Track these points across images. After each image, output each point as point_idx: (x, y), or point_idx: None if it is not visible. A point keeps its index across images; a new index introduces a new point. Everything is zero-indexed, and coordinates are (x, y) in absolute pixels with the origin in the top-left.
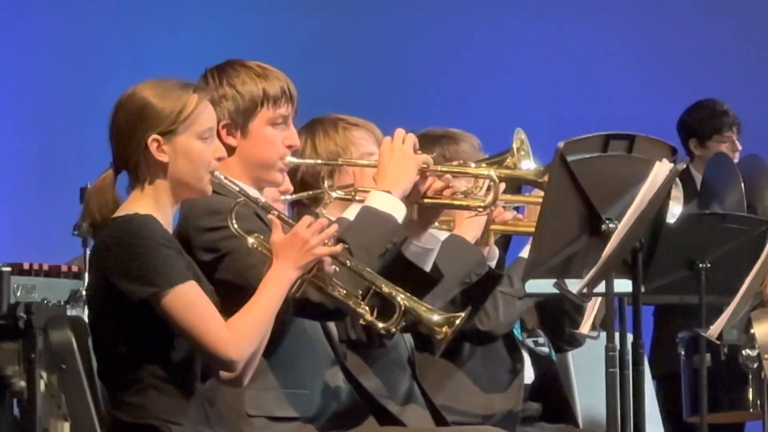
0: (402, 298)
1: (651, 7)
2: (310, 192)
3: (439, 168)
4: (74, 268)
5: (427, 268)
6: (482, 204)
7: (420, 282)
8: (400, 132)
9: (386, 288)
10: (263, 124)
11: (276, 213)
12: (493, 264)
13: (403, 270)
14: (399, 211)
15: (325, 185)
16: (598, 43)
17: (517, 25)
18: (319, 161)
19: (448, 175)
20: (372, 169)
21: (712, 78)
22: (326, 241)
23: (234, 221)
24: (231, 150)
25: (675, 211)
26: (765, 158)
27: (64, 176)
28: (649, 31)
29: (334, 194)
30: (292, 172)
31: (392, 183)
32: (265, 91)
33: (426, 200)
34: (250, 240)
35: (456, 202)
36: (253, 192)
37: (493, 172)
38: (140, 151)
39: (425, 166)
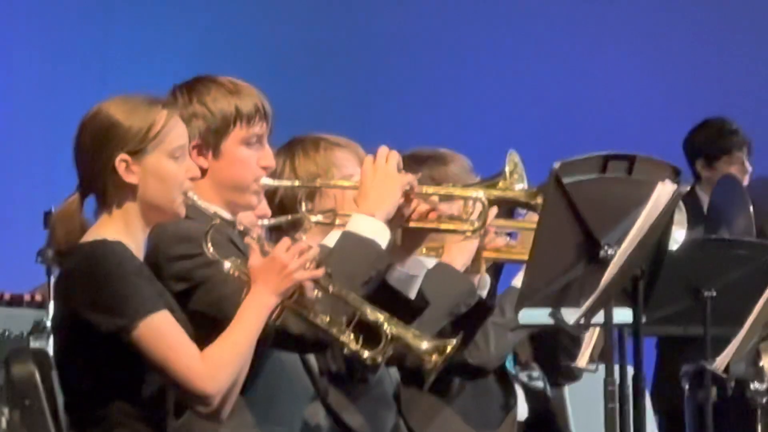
0: (389, 324)
1: (656, 19)
2: (289, 217)
3: (424, 189)
4: (38, 297)
5: (412, 295)
6: (471, 228)
7: (404, 310)
8: (383, 150)
9: (371, 314)
10: (236, 144)
11: (254, 236)
12: (484, 293)
13: (386, 297)
14: (382, 236)
15: (303, 209)
16: (597, 56)
17: (511, 37)
18: (297, 183)
19: (435, 197)
20: (355, 191)
21: (720, 95)
22: (307, 265)
23: (209, 245)
24: (203, 172)
25: (678, 236)
26: None
27: (27, 199)
28: (653, 44)
29: (313, 218)
30: (270, 195)
31: (375, 205)
32: (237, 109)
33: (411, 224)
34: (227, 264)
35: (443, 226)
36: (227, 216)
37: (482, 194)
38: (108, 173)
39: (409, 187)
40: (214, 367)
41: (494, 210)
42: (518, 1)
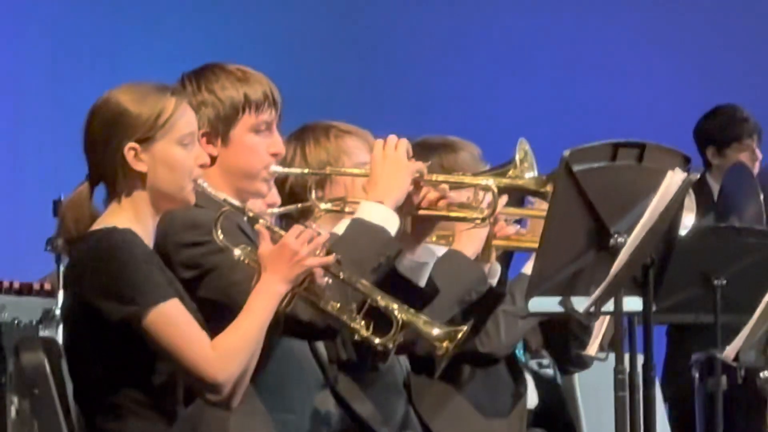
0: (399, 311)
1: (666, 6)
2: (299, 204)
3: (434, 177)
4: (47, 286)
5: (422, 283)
6: (481, 215)
7: (414, 298)
8: (392, 138)
9: (382, 301)
10: (245, 132)
11: (264, 222)
12: (494, 281)
13: (396, 285)
14: (392, 223)
15: (313, 196)
16: (607, 43)
17: (521, 24)
18: (306, 170)
19: (444, 185)
20: (365, 179)
21: (731, 82)
22: (317, 252)
23: (219, 232)
24: (212, 160)
25: (687, 222)
26: None
27: (36, 188)
28: (663, 32)
29: (322, 205)
30: (280, 183)
31: (384, 193)
32: (246, 97)
33: (420, 211)
34: (237, 252)
35: (453, 214)
36: (237, 203)
37: (492, 182)
38: (117, 161)
39: (419, 174)
40: (225, 354)
41: (504, 198)
42: None
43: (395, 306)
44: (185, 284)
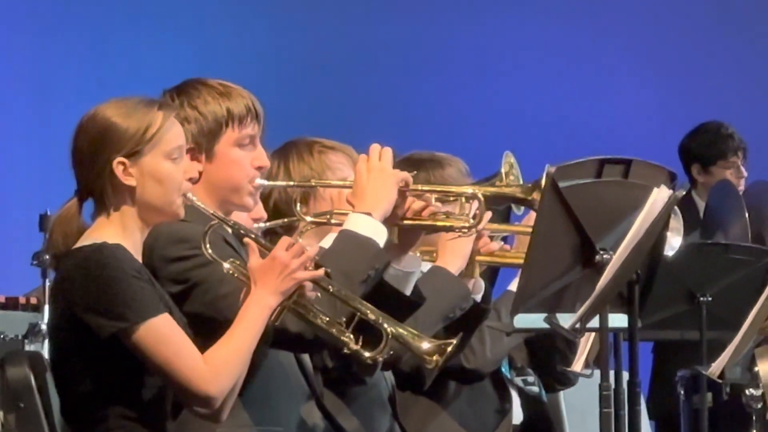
0: (389, 324)
1: (652, 23)
2: (285, 220)
3: (419, 187)
4: (33, 300)
5: (408, 291)
6: (466, 224)
7: (400, 306)
8: (375, 148)
9: (372, 314)
10: (229, 146)
11: (253, 236)
12: (478, 298)
13: (381, 294)
14: (380, 235)
15: (298, 208)
16: (593, 61)
17: (508, 39)
18: (291, 183)
19: (429, 195)
20: (350, 191)
21: (716, 99)
22: (307, 265)
23: (207, 246)
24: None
25: (674, 243)
26: None
27: (22, 202)
28: (649, 48)
29: (308, 218)
30: (265, 199)
31: (372, 204)
32: (229, 111)
33: (405, 221)
34: (226, 265)
35: (439, 223)
36: (225, 217)
37: (477, 190)
38: (105, 176)
39: (404, 184)
40: (217, 368)
41: (489, 214)
42: (514, 5)
43: (384, 320)
44: (173, 299)
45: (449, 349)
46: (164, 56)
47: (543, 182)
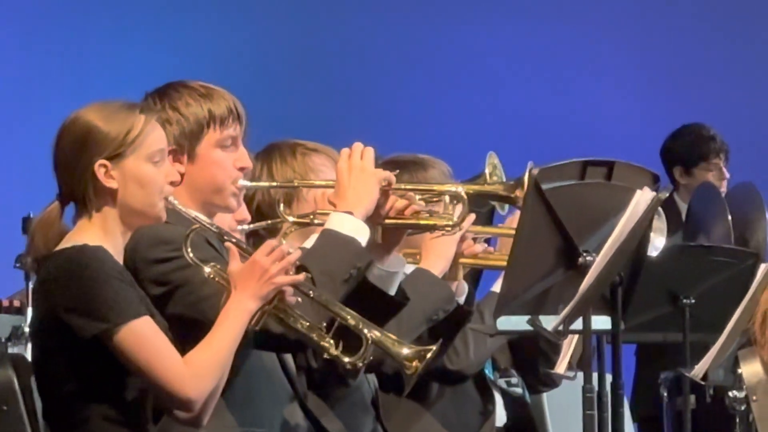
0: (369, 330)
1: (633, 25)
2: (268, 222)
3: (402, 186)
4: (16, 303)
5: (392, 291)
6: (450, 222)
7: (384, 307)
8: (357, 146)
9: (352, 320)
10: (211, 147)
11: (234, 240)
12: (461, 300)
13: (365, 294)
14: (362, 234)
15: (281, 208)
16: (576, 61)
17: (490, 41)
18: (274, 184)
19: (411, 193)
20: (331, 190)
21: (699, 100)
22: (288, 270)
23: (189, 249)
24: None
25: (658, 243)
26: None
27: (5, 205)
28: (631, 51)
29: (291, 218)
30: (248, 201)
31: (353, 203)
32: (210, 112)
33: (388, 221)
34: (207, 269)
35: (422, 222)
36: (207, 220)
37: (461, 188)
38: (87, 179)
39: (386, 183)
40: (197, 372)
41: (472, 216)
42: (498, 8)
43: (365, 325)
44: (155, 301)
45: (429, 355)
46: (146, 59)
47: (526, 179)
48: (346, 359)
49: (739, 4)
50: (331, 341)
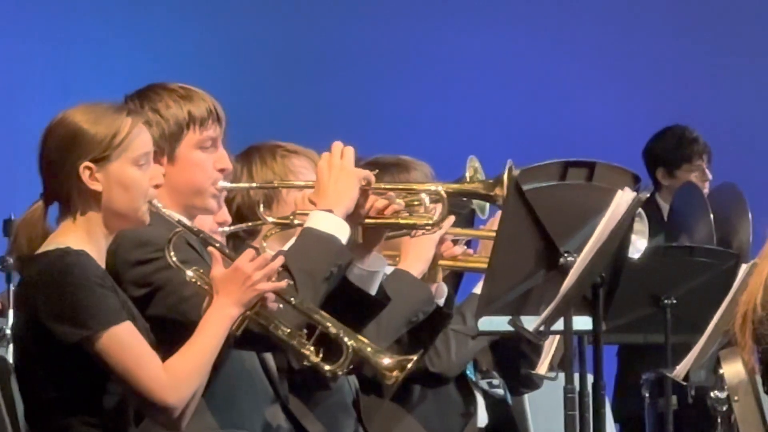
0: (350, 339)
1: (616, 26)
2: (248, 224)
3: (382, 185)
4: None
5: (373, 291)
6: (430, 222)
7: (365, 307)
8: (337, 146)
9: (333, 328)
10: (191, 148)
11: (217, 245)
12: (441, 302)
13: (346, 294)
14: (342, 232)
15: (261, 210)
16: (557, 61)
17: (471, 42)
18: (254, 185)
19: (392, 193)
20: (312, 191)
21: (681, 102)
22: (270, 277)
23: (171, 253)
24: None
25: (640, 246)
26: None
27: None
28: (613, 51)
29: (270, 219)
30: (228, 203)
31: (334, 201)
32: (190, 114)
33: (368, 220)
34: (189, 273)
35: (402, 221)
36: (191, 224)
37: (440, 187)
38: (72, 180)
39: (366, 182)
40: (177, 378)
41: (452, 217)
42: (479, 11)
43: (345, 333)
44: (136, 302)
45: (409, 365)
46: (129, 59)
47: (505, 177)
48: (327, 367)
49: (720, 4)
50: (312, 348)
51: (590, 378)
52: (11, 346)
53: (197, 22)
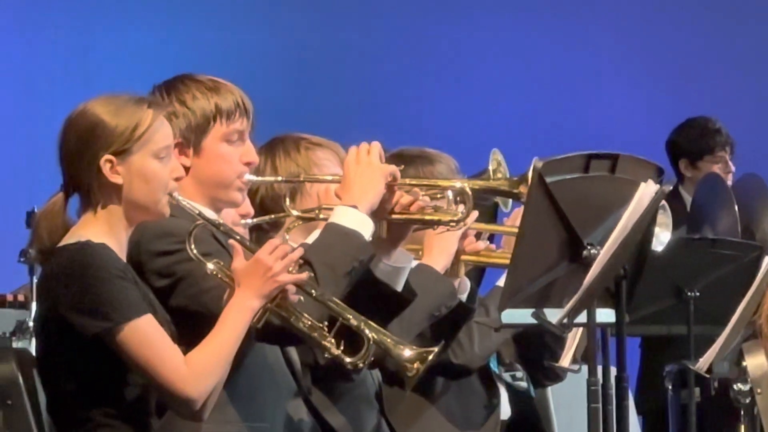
0: (371, 331)
1: (640, 19)
2: (272, 216)
3: (407, 181)
4: (20, 297)
5: (399, 287)
6: (455, 218)
7: (391, 302)
8: (364, 144)
9: (354, 320)
10: (217, 141)
11: (238, 238)
12: (464, 297)
13: (372, 290)
14: (366, 227)
15: (287, 203)
16: (581, 55)
17: (495, 37)
18: (279, 179)
19: (417, 189)
20: (337, 186)
21: (704, 94)
22: (290, 269)
23: (192, 245)
24: (185, 170)
25: (663, 238)
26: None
27: (10, 199)
28: (637, 44)
29: (295, 212)
30: (251, 195)
31: (358, 197)
32: (217, 106)
33: (394, 216)
34: (210, 266)
35: (427, 217)
36: (212, 215)
37: (465, 184)
38: (92, 173)
39: (392, 178)
40: (198, 371)
41: (475, 213)
42: (501, 5)
43: (366, 326)
44: (158, 293)
45: (430, 357)
46: (151, 53)
47: (530, 175)
48: (348, 359)
49: None
50: (332, 341)
51: (613, 370)
52: (34, 338)
53: (222, 13)
